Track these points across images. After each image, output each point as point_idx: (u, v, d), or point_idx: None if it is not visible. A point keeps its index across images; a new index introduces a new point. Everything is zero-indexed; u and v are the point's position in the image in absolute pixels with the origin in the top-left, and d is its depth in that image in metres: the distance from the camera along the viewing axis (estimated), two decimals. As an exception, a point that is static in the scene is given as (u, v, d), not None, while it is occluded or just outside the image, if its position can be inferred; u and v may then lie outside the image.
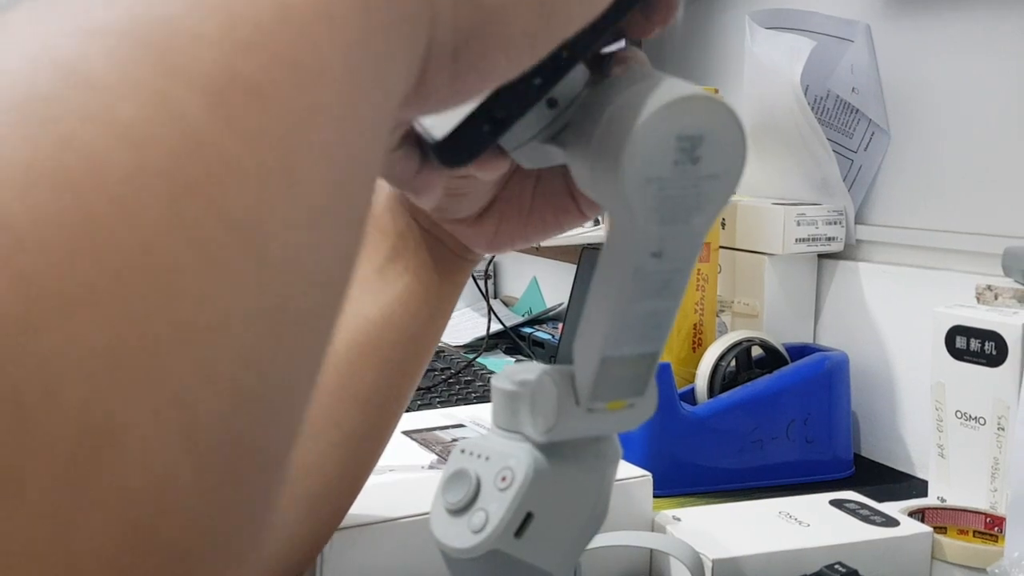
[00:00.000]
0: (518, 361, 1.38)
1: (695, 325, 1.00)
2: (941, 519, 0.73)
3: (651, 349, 0.34)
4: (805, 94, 1.01)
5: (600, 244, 1.11)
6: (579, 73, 0.34)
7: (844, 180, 1.03)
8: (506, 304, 1.76)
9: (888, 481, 0.93)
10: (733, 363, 0.92)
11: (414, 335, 0.48)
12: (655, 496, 0.68)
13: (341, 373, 0.47)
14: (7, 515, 0.15)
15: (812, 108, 1.04)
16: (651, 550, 0.66)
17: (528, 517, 0.35)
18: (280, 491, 0.20)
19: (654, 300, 0.33)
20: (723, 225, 1.05)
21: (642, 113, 0.29)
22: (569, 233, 1.43)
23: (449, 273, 0.49)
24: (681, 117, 0.29)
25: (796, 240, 1.01)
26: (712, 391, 0.90)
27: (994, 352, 0.74)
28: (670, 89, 0.29)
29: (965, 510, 0.73)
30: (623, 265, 0.31)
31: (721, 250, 1.04)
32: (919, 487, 0.88)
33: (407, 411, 1.07)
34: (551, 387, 0.35)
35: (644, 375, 0.35)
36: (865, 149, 1.02)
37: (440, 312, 0.49)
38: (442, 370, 1.23)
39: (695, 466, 0.86)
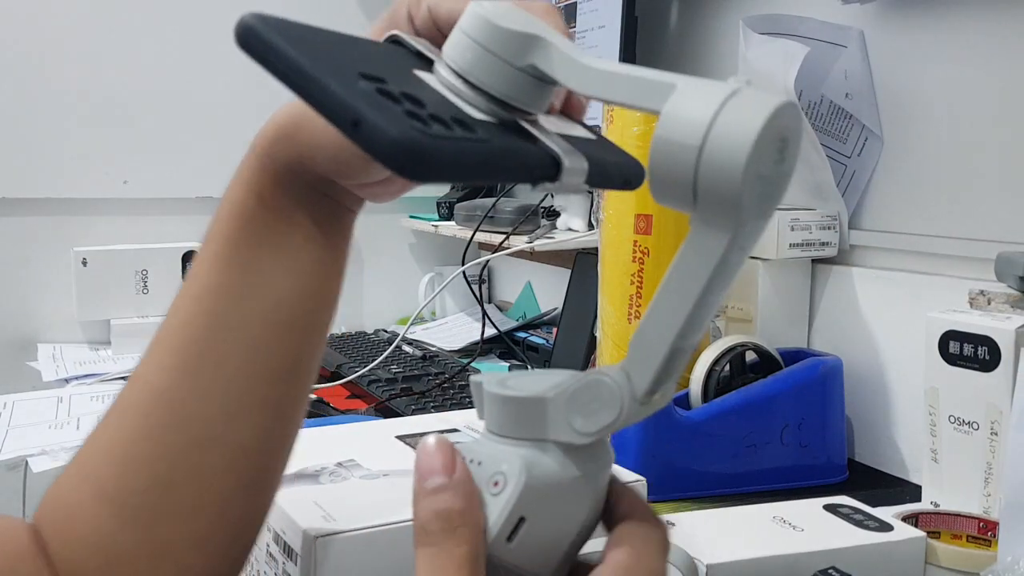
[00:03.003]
0: (513, 366, 1.38)
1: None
2: (935, 524, 0.73)
3: (700, 338, 0.37)
4: (799, 99, 1.01)
5: (592, 249, 1.12)
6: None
7: (838, 185, 1.03)
8: (500, 309, 1.76)
9: (882, 486, 0.94)
10: (727, 368, 0.92)
11: (325, 297, 0.51)
12: (649, 501, 0.68)
13: (261, 351, 0.48)
14: None
15: (806, 113, 1.04)
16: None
17: (520, 522, 0.35)
18: None
19: (721, 292, 0.35)
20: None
21: (761, 114, 0.32)
22: (563, 238, 1.43)
23: (344, 229, 0.51)
24: (784, 120, 0.32)
25: (790, 245, 1.01)
26: (706, 396, 0.91)
27: (987, 357, 0.74)
28: (768, 96, 0.33)
29: (958, 515, 0.73)
30: (711, 259, 0.34)
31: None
32: (913, 492, 0.88)
33: (401, 415, 1.07)
34: (612, 385, 0.36)
35: (684, 364, 0.37)
36: (859, 154, 1.02)
37: (341, 268, 0.51)
38: (436, 375, 1.23)
39: (689, 471, 0.86)
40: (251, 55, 0.35)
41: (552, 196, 1.35)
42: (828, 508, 0.70)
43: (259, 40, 0.34)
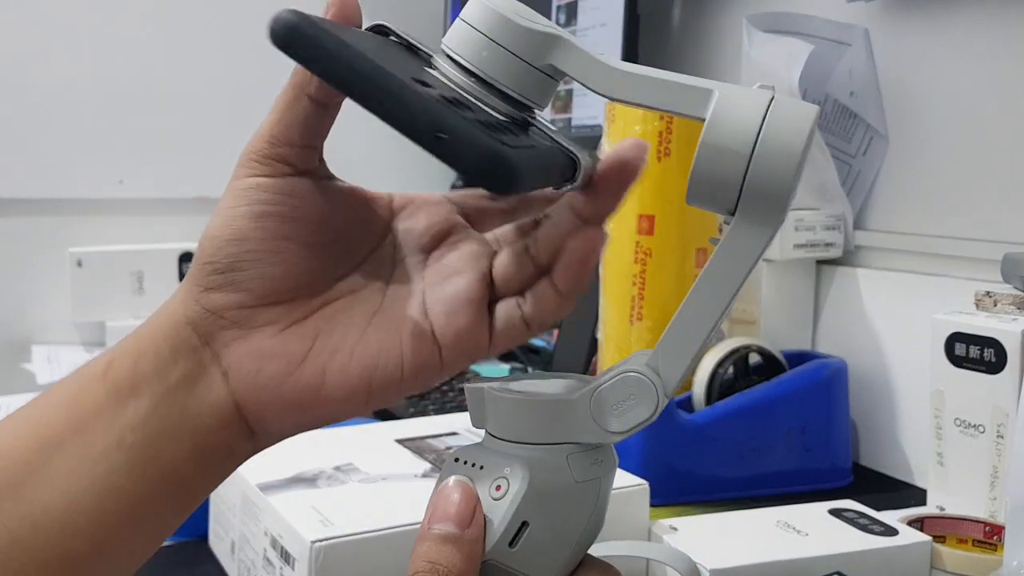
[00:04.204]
0: (513, 369, 1.38)
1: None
2: (940, 528, 0.73)
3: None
4: (803, 98, 1.01)
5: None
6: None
7: (842, 185, 1.03)
8: (501, 310, 1.76)
9: (887, 490, 0.93)
10: (731, 370, 0.91)
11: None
12: (652, 505, 0.68)
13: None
14: None
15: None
16: (648, 560, 0.66)
17: (523, 526, 0.35)
18: None
19: (741, 289, 0.37)
20: (720, 230, 1.05)
21: (807, 118, 0.34)
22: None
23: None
24: (816, 125, 0.34)
25: (794, 246, 1.01)
26: (710, 399, 0.90)
27: (993, 359, 0.74)
28: (801, 102, 0.35)
29: (964, 519, 0.73)
30: (751, 256, 0.36)
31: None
32: (918, 495, 0.88)
33: (400, 419, 1.06)
34: (646, 380, 0.36)
35: (699, 360, 0.38)
36: (863, 154, 1.02)
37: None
38: (436, 377, 1.22)
39: (692, 475, 0.86)
40: (297, 57, 0.33)
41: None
42: (833, 512, 0.70)
43: (306, 40, 0.32)
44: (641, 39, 1.26)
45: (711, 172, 0.34)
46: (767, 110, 0.33)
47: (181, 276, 1.64)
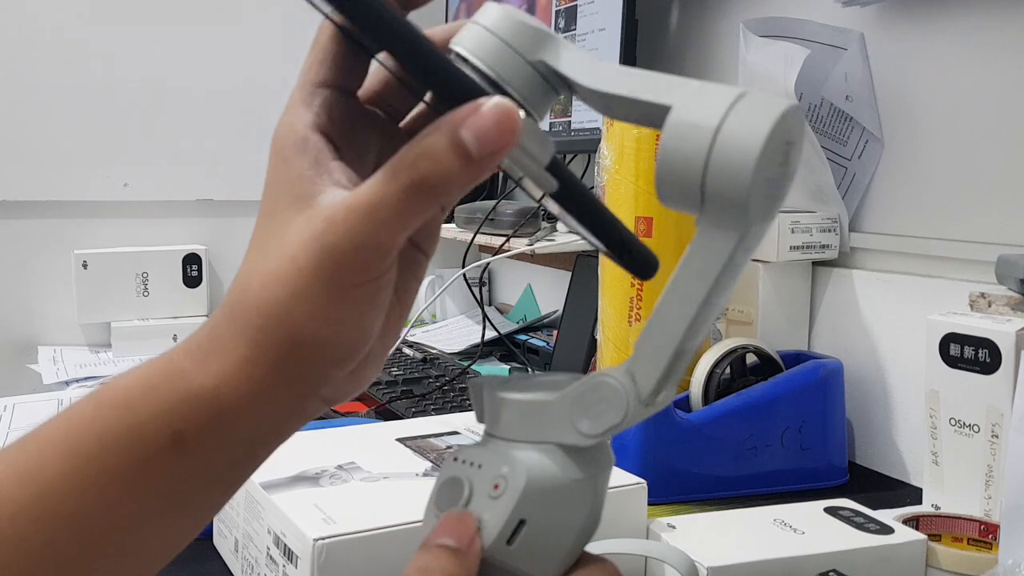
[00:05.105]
0: (513, 369, 1.38)
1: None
2: (935, 526, 0.73)
3: (702, 340, 0.37)
4: (799, 102, 1.01)
5: (593, 252, 1.11)
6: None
7: (838, 188, 1.03)
8: (501, 311, 1.77)
9: (882, 488, 0.93)
10: (728, 370, 0.92)
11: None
12: (649, 504, 0.69)
13: None
14: None
15: (806, 116, 1.04)
16: (646, 558, 0.66)
17: (520, 524, 0.35)
18: None
19: (725, 294, 0.35)
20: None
21: (770, 117, 0.32)
22: (564, 241, 1.43)
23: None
24: (790, 123, 0.33)
25: (790, 248, 1.01)
26: (707, 398, 0.91)
27: (988, 359, 0.74)
28: (775, 99, 0.33)
29: (959, 517, 0.74)
30: (718, 261, 0.34)
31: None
32: (913, 494, 0.88)
33: (402, 418, 1.06)
34: (617, 386, 0.36)
35: (687, 366, 0.37)
36: (859, 157, 1.02)
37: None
38: (436, 377, 1.23)
39: (690, 474, 0.86)
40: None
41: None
42: (829, 511, 0.70)
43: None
44: (639, 44, 1.27)
45: (672, 169, 0.33)
46: (731, 106, 0.32)
47: (185, 278, 1.65)
